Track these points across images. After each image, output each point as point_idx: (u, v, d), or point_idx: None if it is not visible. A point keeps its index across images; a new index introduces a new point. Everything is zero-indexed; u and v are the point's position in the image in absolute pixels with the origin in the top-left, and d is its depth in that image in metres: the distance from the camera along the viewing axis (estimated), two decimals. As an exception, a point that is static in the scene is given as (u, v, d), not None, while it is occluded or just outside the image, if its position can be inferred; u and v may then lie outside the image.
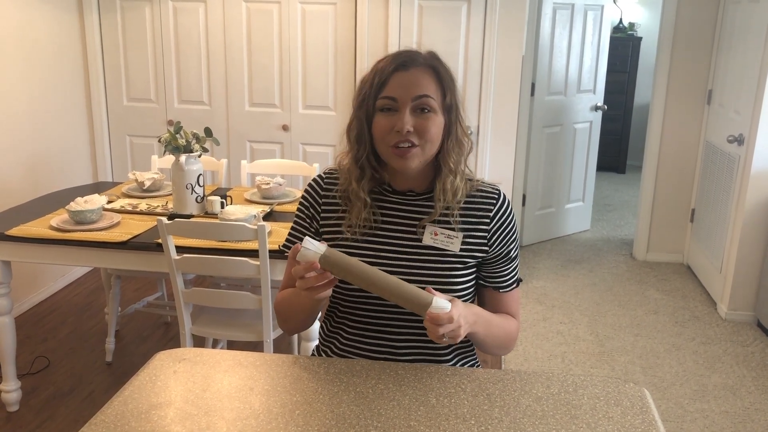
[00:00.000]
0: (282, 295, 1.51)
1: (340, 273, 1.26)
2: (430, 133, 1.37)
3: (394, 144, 1.37)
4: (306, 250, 1.24)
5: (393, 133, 1.36)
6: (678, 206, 4.55)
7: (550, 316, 3.80)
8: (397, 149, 1.37)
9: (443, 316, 1.25)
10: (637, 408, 1.24)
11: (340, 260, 1.25)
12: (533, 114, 4.61)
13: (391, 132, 1.37)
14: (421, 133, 1.37)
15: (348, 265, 1.25)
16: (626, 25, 7.14)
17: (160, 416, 1.19)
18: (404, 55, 1.40)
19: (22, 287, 3.62)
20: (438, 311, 1.24)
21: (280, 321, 1.54)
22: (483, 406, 1.24)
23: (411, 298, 1.26)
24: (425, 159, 1.40)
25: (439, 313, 1.25)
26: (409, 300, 1.26)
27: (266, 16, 3.97)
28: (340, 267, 1.25)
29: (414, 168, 1.39)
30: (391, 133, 1.37)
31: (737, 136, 3.73)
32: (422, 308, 1.26)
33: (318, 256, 1.24)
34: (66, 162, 4.05)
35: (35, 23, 3.70)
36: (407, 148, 1.36)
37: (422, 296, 1.26)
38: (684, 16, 4.24)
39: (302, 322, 1.51)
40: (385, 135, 1.38)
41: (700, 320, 3.79)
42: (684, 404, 2.95)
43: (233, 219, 2.54)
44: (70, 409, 2.83)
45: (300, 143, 4.13)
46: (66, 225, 2.57)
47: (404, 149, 1.36)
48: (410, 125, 1.35)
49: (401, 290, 1.26)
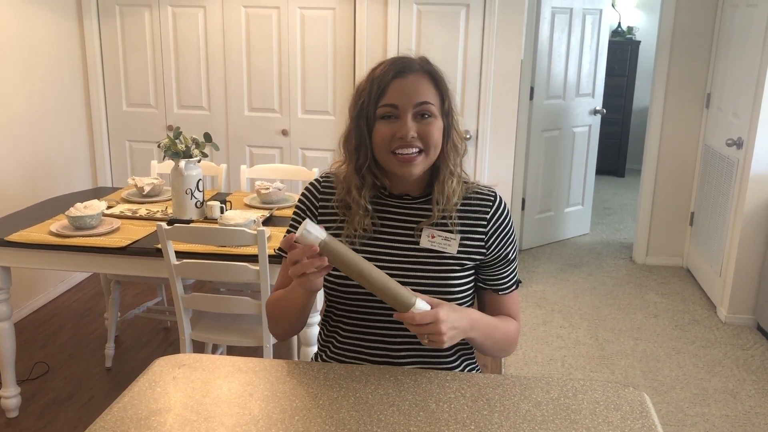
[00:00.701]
0: (274, 296, 1.51)
1: (335, 261, 1.27)
2: (433, 137, 1.38)
3: (396, 150, 1.37)
4: (307, 233, 1.23)
5: (395, 140, 1.37)
6: (677, 210, 4.56)
7: (549, 320, 3.80)
8: (400, 156, 1.37)
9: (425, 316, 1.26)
10: (637, 412, 1.24)
11: (339, 249, 1.26)
12: (532, 118, 4.62)
13: (393, 139, 1.37)
14: (425, 139, 1.38)
15: (346, 255, 1.26)
16: (625, 28, 7.16)
17: (159, 422, 1.19)
18: (400, 62, 1.40)
19: (21, 293, 3.62)
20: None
21: (272, 324, 1.52)
22: (483, 411, 1.24)
23: (395, 297, 1.27)
24: (428, 164, 1.41)
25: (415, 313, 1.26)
26: (393, 298, 1.28)
27: (265, 21, 3.98)
28: (338, 255, 1.26)
29: (417, 174, 1.40)
30: (393, 140, 1.37)
31: (736, 139, 3.74)
32: (405, 308, 1.27)
33: (319, 241, 1.24)
34: (65, 167, 4.06)
35: (35, 28, 3.71)
36: (413, 156, 1.37)
37: (406, 296, 1.27)
38: (682, 19, 4.25)
39: (294, 323, 1.49)
40: (386, 142, 1.38)
41: (700, 324, 3.79)
42: (684, 408, 2.95)
43: (233, 224, 2.54)
44: (70, 415, 2.83)
45: (299, 148, 4.14)
46: (65, 230, 2.57)
47: (410, 156, 1.37)
48: (414, 131, 1.36)
49: (388, 288, 1.27)
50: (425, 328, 1.27)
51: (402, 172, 1.40)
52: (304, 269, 1.26)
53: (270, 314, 1.52)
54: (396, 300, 1.28)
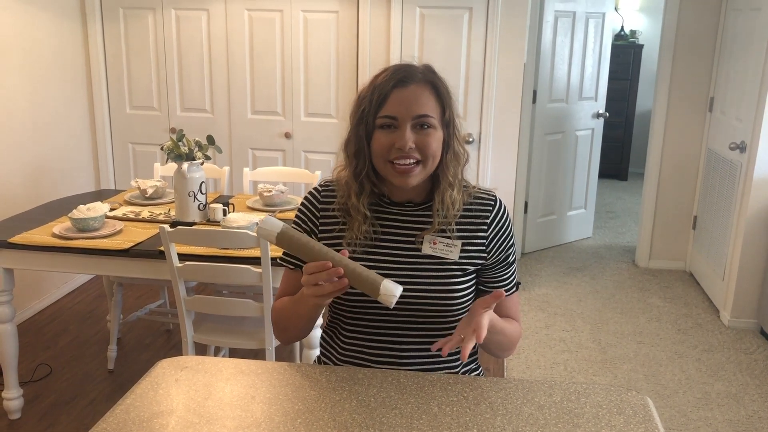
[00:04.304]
0: (280, 304, 1.51)
1: (297, 252, 1.29)
2: (431, 149, 1.38)
3: (394, 160, 1.37)
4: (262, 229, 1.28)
5: (393, 150, 1.37)
6: (680, 213, 4.55)
7: (552, 324, 3.79)
8: (398, 166, 1.37)
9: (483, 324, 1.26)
10: (640, 416, 1.24)
11: (296, 238, 1.28)
12: (535, 121, 4.62)
13: (391, 149, 1.37)
14: (423, 150, 1.37)
15: (304, 245, 1.28)
16: (628, 32, 7.16)
17: (161, 424, 1.19)
18: (402, 71, 1.40)
19: (24, 295, 3.63)
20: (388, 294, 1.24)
21: (278, 330, 1.53)
22: (485, 414, 1.24)
23: (363, 281, 1.26)
24: (426, 175, 1.41)
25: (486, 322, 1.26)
26: (361, 282, 1.27)
27: (268, 24, 3.99)
28: (296, 245, 1.28)
29: (414, 184, 1.40)
30: (392, 150, 1.37)
31: (739, 143, 3.73)
32: (373, 291, 1.26)
33: (275, 234, 1.27)
34: (68, 170, 4.06)
35: (38, 31, 3.72)
36: (411, 167, 1.37)
37: (373, 278, 1.26)
38: (685, 23, 4.25)
39: (301, 330, 1.50)
40: (384, 152, 1.38)
41: (703, 328, 3.78)
42: (687, 412, 2.94)
43: (235, 226, 2.54)
44: (72, 417, 2.83)
45: (302, 151, 4.14)
46: (68, 233, 2.58)
47: (407, 167, 1.37)
48: (411, 142, 1.36)
49: (353, 272, 1.27)
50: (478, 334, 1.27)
51: (399, 183, 1.40)
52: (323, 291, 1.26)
53: (276, 322, 1.52)
54: (363, 283, 1.26)
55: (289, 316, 1.47)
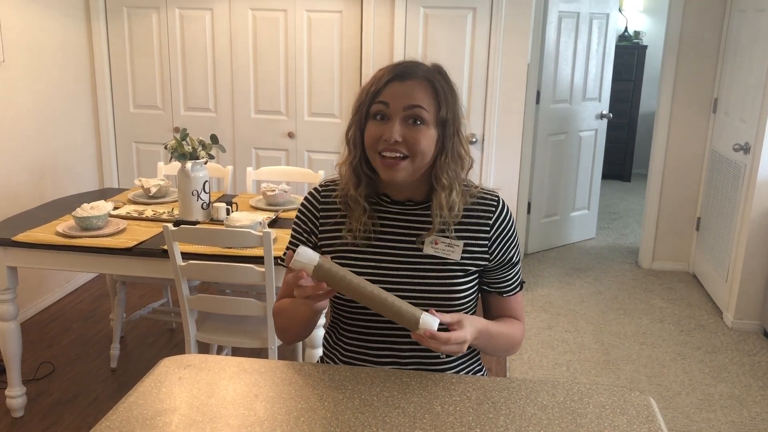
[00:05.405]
0: (280, 305, 1.51)
1: (333, 284, 1.26)
2: (420, 145, 1.36)
3: (382, 152, 1.37)
4: (298, 262, 1.24)
5: (381, 141, 1.36)
6: (684, 214, 4.54)
7: (555, 324, 3.79)
8: (385, 159, 1.36)
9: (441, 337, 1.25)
10: (643, 417, 1.24)
11: (333, 272, 1.25)
12: (538, 122, 4.61)
13: (380, 140, 1.37)
14: (411, 145, 1.36)
15: (341, 278, 1.25)
16: (631, 33, 7.15)
17: (164, 423, 1.19)
18: (404, 66, 1.40)
19: (27, 293, 3.63)
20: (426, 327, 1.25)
21: (279, 331, 1.53)
22: (488, 414, 1.24)
23: (402, 315, 1.26)
24: (414, 171, 1.39)
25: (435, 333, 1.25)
26: (398, 315, 1.26)
27: (272, 24, 3.99)
28: (333, 278, 1.25)
29: (401, 180, 1.38)
30: (380, 141, 1.37)
31: (743, 144, 3.72)
32: (412, 325, 1.26)
33: (311, 267, 1.24)
34: (72, 168, 4.07)
35: (42, 30, 3.73)
36: (396, 160, 1.36)
37: (410, 312, 1.26)
38: (689, 24, 4.24)
39: (301, 332, 1.51)
40: (374, 142, 1.37)
41: (706, 329, 3.77)
42: (690, 414, 2.93)
43: (239, 226, 2.54)
44: (75, 416, 2.84)
45: (305, 150, 4.14)
46: (72, 231, 2.58)
47: (393, 161, 1.36)
48: (399, 135, 1.35)
49: (392, 306, 1.26)
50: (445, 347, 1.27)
51: (385, 176, 1.39)
52: (306, 293, 1.27)
53: (277, 323, 1.54)
54: (401, 317, 1.26)
55: (288, 317, 1.48)
